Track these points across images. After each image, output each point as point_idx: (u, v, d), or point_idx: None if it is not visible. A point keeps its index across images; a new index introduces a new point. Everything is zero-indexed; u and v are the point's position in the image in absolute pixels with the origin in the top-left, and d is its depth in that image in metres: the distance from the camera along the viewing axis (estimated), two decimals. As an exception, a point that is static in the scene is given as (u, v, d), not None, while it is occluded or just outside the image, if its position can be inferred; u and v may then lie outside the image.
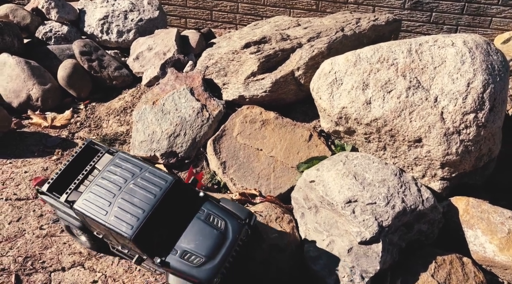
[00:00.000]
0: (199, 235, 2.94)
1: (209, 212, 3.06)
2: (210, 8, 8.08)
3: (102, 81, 5.48)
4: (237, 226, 3.04)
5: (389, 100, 3.68)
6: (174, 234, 2.94)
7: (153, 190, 2.95)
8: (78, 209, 2.97)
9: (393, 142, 3.78)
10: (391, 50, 3.85)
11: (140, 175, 3.02)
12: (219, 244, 2.92)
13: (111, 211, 2.87)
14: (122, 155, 3.16)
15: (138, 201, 2.90)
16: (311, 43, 4.74)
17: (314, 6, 7.61)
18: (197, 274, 2.81)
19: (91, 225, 3.07)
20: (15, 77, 5.21)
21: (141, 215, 2.84)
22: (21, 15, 6.04)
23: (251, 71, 4.64)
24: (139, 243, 2.80)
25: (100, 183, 3.02)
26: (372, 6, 7.40)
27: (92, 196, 2.97)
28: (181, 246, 2.89)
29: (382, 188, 3.42)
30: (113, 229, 2.83)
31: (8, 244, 3.47)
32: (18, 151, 4.53)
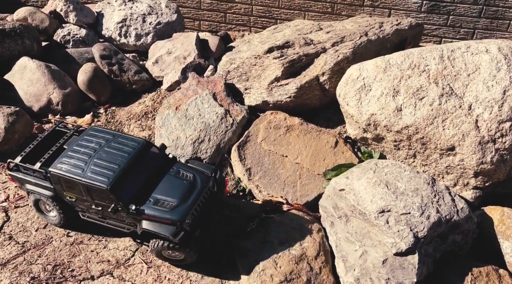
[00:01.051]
0: (170, 186, 3.30)
1: (178, 169, 3.45)
2: (224, 10, 8.03)
3: (122, 85, 5.44)
4: (204, 178, 3.43)
5: (421, 108, 3.61)
6: (148, 188, 3.27)
7: (127, 150, 3.30)
8: (54, 171, 3.19)
9: (424, 150, 3.71)
10: (422, 56, 3.78)
11: (113, 140, 3.37)
12: (188, 191, 3.28)
13: (87, 169, 3.15)
14: (95, 127, 3.50)
15: (113, 158, 3.23)
16: (336, 47, 4.68)
17: (329, 9, 7.54)
18: (170, 215, 3.13)
19: (65, 189, 3.22)
20: (36, 81, 5.19)
21: (116, 169, 3.16)
22: (39, 18, 6.02)
23: (275, 76, 4.58)
24: (115, 192, 3.09)
25: (74, 149, 3.30)
26: (388, 9, 7.32)
27: (67, 160, 3.23)
28: (154, 197, 3.23)
29: (416, 198, 3.36)
30: (90, 183, 3.09)
31: (37, 252, 3.43)
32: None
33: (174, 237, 3.06)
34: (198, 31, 8.11)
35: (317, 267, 3.33)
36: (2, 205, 3.85)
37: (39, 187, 3.38)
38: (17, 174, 3.42)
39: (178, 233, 3.08)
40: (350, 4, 7.39)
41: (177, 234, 3.08)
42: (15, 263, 3.33)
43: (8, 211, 3.78)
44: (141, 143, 3.37)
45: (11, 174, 3.45)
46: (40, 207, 3.54)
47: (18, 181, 3.49)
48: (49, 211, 3.54)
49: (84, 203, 3.28)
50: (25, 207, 3.83)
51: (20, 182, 3.47)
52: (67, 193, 3.26)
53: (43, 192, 3.36)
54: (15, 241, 3.52)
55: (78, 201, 3.30)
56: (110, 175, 3.11)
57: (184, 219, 3.12)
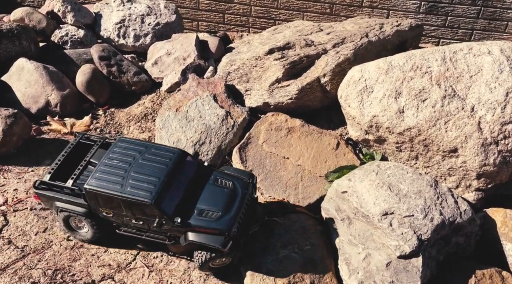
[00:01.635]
0: (212, 195, 3.26)
1: (216, 177, 3.41)
2: (223, 11, 8.00)
3: (121, 86, 5.40)
4: (243, 184, 3.41)
5: (424, 109, 3.60)
6: (189, 199, 3.21)
7: (163, 161, 3.20)
8: (90, 188, 3.06)
9: (426, 151, 3.70)
10: (424, 57, 3.77)
11: (146, 151, 3.26)
12: (231, 200, 3.26)
13: (126, 183, 3.05)
14: (124, 138, 3.38)
15: (151, 171, 3.13)
16: (336, 49, 4.67)
17: (328, 9, 7.53)
18: (217, 225, 3.10)
19: (101, 204, 3.11)
20: (34, 83, 5.14)
21: (157, 182, 3.07)
22: (37, 19, 5.96)
23: (276, 77, 4.56)
24: (159, 206, 3.00)
25: (107, 163, 3.18)
26: (387, 10, 7.32)
27: (103, 175, 3.11)
28: (198, 207, 3.18)
29: (419, 200, 3.35)
30: (132, 198, 2.99)
31: (37, 256, 3.39)
32: (40, 158, 4.46)
33: (224, 247, 3.04)
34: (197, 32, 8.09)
35: (320, 270, 3.31)
36: (1, 209, 3.80)
37: (70, 204, 3.24)
38: (44, 192, 3.27)
39: (227, 243, 3.05)
40: (349, 4, 7.39)
41: (226, 244, 3.05)
42: (14, 268, 3.29)
43: (7, 215, 3.74)
44: (176, 153, 3.29)
45: (38, 193, 3.30)
46: (70, 224, 3.39)
47: (46, 200, 3.34)
48: (80, 228, 3.41)
49: (122, 218, 3.18)
50: (24, 210, 3.79)
51: (48, 200, 3.32)
52: (104, 209, 3.15)
53: (76, 209, 3.22)
54: (14, 246, 3.47)
55: (115, 216, 3.19)
56: (152, 189, 3.02)
57: (231, 228, 3.10)
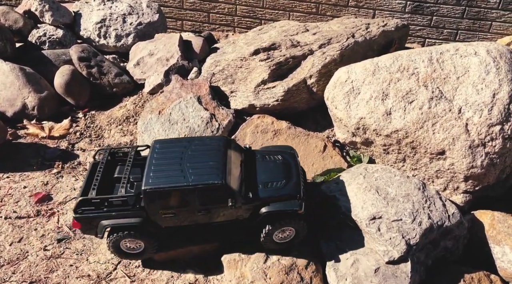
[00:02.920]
0: (268, 169, 3.33)
1: (262, 154, 3.49)
2: (208, 10, 7.88)
3: (102, 88, 5.24)
4: (289, 154, 3.52)
5: (411, 111, 3.55)
6: (249, 178, 3.24)
7: (214, 147, 3.21)
8: (151, 187, 2.90)
9: (414, 154, 3.65)
10: (411, 58, 3.72)
11: (191, 144, 3.24)
12: (287, 169, 3.35)
13: (187, 174, 2.98)
14: (160, 140, 3.32)
15: (207, 159, 3.11)
16: (323, 49, 4.60)
17: (314, 9, 7.48)
18: (287, 191, 3.18)
19: (163, 204, 2.94)
20: (9, 85, 4.94)
21: (218, 165, 3.06)
22: (13, 18, 5.75)
23: (262, 79, 4.46)
24: (229, 185, 2.99)
25: (156, 163, 3.07)
26: (373, 10, 7.29)
27: (158, 174, 3.00)
28: (262, 182, 3.23)
29: (407, 204, 3.29)
30: (201, 184, 2.93)
31: (11, 268, 3.23)
32: (16, 164, 4.28)
33: (300, 208, 3.09)
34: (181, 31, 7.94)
35: (307, 277, 3.23)
36: (-26, 218, 3.62)
37: (123, 218, 3.00)
38: (87, 214, 2.97)
39: (302, 204, 3.12)
40: (335, 4, 7.34)
41: (301, 205, 3.11)
42: (-13, 281, 3.13)
43: (-20, 224, 3.56)
44: (222, 139, 3.31)
45: (78, 219, 2.97)
46: (122, 247, 3.14)
47: (89, 223, 3.01)
48: (133, 248, 3.16)
49: (186, 215, 3.04)
50: (-2, 219, 3.62)
51: (93, 222, 3.01)
52: (164, 211, 2.99)
53: (131, 221, 3.00)
54: (-13, 257, 3.31)
55: (177, 217, 3.04)
56: (217, 171, 3.00)
57: (300, 190, 3.18)
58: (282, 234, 3.24)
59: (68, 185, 4.05)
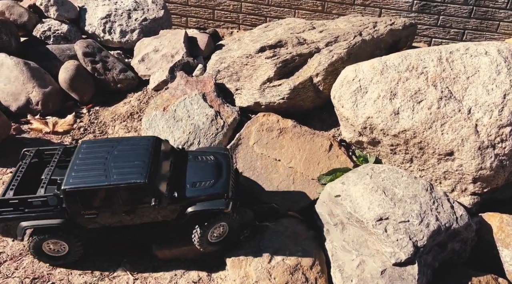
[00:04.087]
0: (198, 170, 3.31)
1: (194, 155, 3.47)
2: (213, 7, 7.84)
3: (106, 84, 5.20)
4: (222, 155, 3.53)
5: (419, 111, 3.50)
6: (177, 177, 3.20)
7: (142, 147, 3.14)
8: (71, 187, 2.83)
9: (421, 154, 3.60)
10: (420, 58, 3.67)
11: (119, 144, 3.17)
12: (218, 169, 3.33)
13: (110, 173, 2.91)
14: (88, 140, 3.25)
15: (133, 157, 3.05)
16: (330, 47, 4.54)
17: (320, 7, 7.42)
18: (214, 190, 3.16)
19: (85, 205, 2.89)
20: (14, 79, 4.91)
21: (143, 164, 3.00)
22: (18, 13, 5.72)
23: (267, 76, 4.42)
24: (153, 184, 2.94)
25: (79, 163, 3.00)
26: (379, 8, 7.23)
27: (79, 173, 2.92)
28: (190, 181, 3.20)
29: (414, 205, 3.25)
30: (123, 184, 2.87)
31: (14, 264, 3.20)
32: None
33: (227, 207, 3.07)
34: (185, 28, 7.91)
35: (312, 277, 3.19)
36: (-23, 212, 3.59)
37: (42, 219, 2.95)
38: (5, 216, 2.93)
39: (229, 203, 3.10)
40: (341, 2, 7.28)
41: (228, 204, 3.09)
42: (-11, 277, 3.11)
43: (-17, 219, 3.53)
44: (152, 139, 3.24)
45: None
46: (44, 249, 3.08)
47: (7, 225, 2.97)
48: (57, 251, 3.12)
49: (110, 215, 2.99)
50: (1, 214, 3.59)
51: (12, 224, 2.96)
52: (86, 211, 2.93)
53: (51, 222, 2.95)
54: (-10, 253, 3.28)
55: (101, 217, 2.99)
56: (142, 170, 2.95)
57: (228, 189, 3.16)
58: (217, 232, 3.22)
59: (72, 181, 4.01)
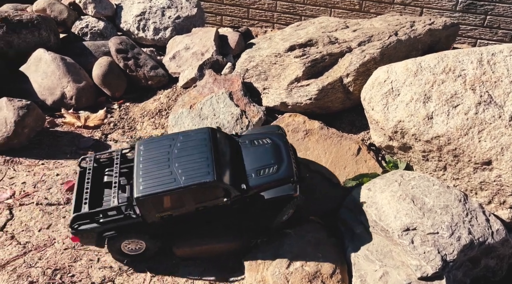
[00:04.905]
0: (257, 155, 3.24)
1: (249, 139, 3.39)
2: (247, 5, 7.79)
3: (137, 80, 5.27)
4: (277, 135, 3.45)
5: (455, 116, 3.28)
6: (239, 167, 3.17)
7: (200, 141, 3.11)
8: (143, 194, 2.83)
9: (456, 162, 3.38)
10: (458, 59, 3.44)
11: (176, 141, 3.14)
12: (277, 151, 3.26)
13: (177, 176, 2.91)
14: (145, 140, 3.22)
15: (195, 155, 3.02)
16: (362, 47, 4.37)
17: (357, 6, 7.20)
18: (280, 176, 3.11)
19: (159, 208, 2.90)
20: (50, 74, 5.07)
21: (208, 161, 2.97)
22: (58, 10, 5.91)
23: (295, 76, 4.31)
24: (222, 181, 2.93)
25: (144, 167, 3.00)
26: (420, 8, 6.92)
27: (148, 179, 2.92)
28: (252, 169, 3.16)
29: (445, 216, 3.04)
30: (193, 185, 2.86)
31: (38, 254, 3.29)
32: (51, 151, 4.38)
33: (295, 191, 3.07)
34: (220, 27, 7.91)
35: (332, 286, 3.07)
36: (7, 202, 3.73)
37: (117, 224, 3.01)
38: (85, 227, 2.99)
39: (296, 187, 3.09)
40: (379, 1, 7.02)
41: (296, 188, 3.09)
42: (14, 265, 3.19)
43: (13, 208, 3.66)
44: (207, 130, 3.21)
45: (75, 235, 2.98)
46: (124, 250, 3.16)
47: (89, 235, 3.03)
48: (135, 250, 3.18)
49: (181, 213, 3.02)
50: (30, 205, 3.71)
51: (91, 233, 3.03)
52: (159, 215, 2.97)
53: (126, 225, 3.01)
54: (16, 241, 3.38)
55: (173, 217, 3.02)
56: (207, 169, 2.94)
57: (293, 173, 3.12)
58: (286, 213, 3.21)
59: (98, 175, 4.08)
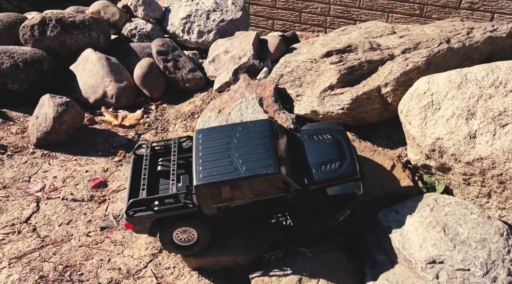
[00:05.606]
0: (318, 150, 3.14)
1: (309, 134, 3.29)
2: (300, 9, 7.60)
3: (176, 82, 5.30)
4: (337, 131, 3.32)
5: (502, 137, 2.85)
6: (299, 160, 3.09)
7: (260, 133, 3.05)
8: (203, 183, 2.80)
9: (502, 190, 2.93)
10: (511, 72, 2.99)
11: (235, 131, 3.09)
12: (339, 147, 3.15)
13: (238, 165, 2.86)
14: (201, 129, 3.18)
15: (256, 146, 2.97)
16: (406, 55, 4.00)
17: (417, 10, 6.72)
18: (343, 173, 2.99)
19: (216, 198, 2.86)
20: (95, 73, 5.26)
21: (269, 153, 2.91)
22: (111, 12, 6.15)
23: (329, 83, 4.05)
24: (283, 174, 2.85)
25: (203, 156, 2.96)
26: (491, 13, 6.28)
27: (207, 168, 2.89)
28: (313, 164, 3.06)
29: (480, 251, 2.64)
30: (254, 175, 2.81)
31: (53, 249, 3.37)
32: (86, 148, 4.52)
33: (359, 190, 2.97)
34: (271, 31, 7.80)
35: (343, 316, 2.79)
36: (37, 194, 3.88)
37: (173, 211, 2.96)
38: (141, 213, 2.94)
39: (360, 185, 3.00)
40: (443, 6, 6.49)
41: (360, 186, 2.99)
42: (30, 258, 3.29)
43: (40, 201, 3.80)
44: (266, 121, 3.17)
45: (133, 219, 2.92)
46: (175, 240, 3.09)
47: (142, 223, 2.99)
48: (187, 240, 3.10)
49: (238, 207, 2.96)
50: (56, 199, 3.83)
51: (146, 222, 2.98)
52: (217, 204, 2.92)
53: (181, 212, 2.95)
54: (37, 234, 3.49)
55: (229, 209, 2.96)
56: (269, 160, 2.88)
57: (356, 171, 3.03)
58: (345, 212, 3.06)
59: (125, 174, 4.13)
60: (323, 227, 3.13)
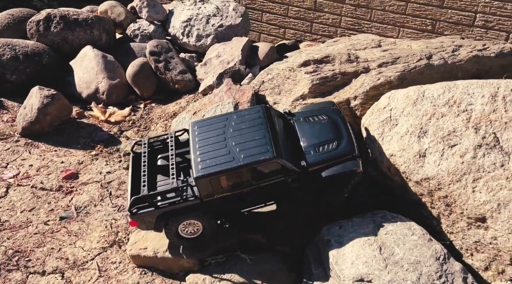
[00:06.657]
0: (314, 131, 3.13)
1: (304, 116, 3.28)
2: (311, 19, 7.58)
3: (166, 83, 5.41)
4: (333, 110, 3.31)
5: (449, 157, 2.73)
6: (297, 143, 3.10)
7: (255, 120, 3.06)
8: (203, 173, 2.83)
9: (449, 213, 2.81)
10: (467, 91, 2.87)
11: (230, 120, 3.11)
12: (335, 127, 3.13)
13: (236, 154, 2.89)
14: (197, 121, 3.20)
15: (252, 133, 2.99)
16: (381, 69, 3.91)
17: (429, 26, 6.55)
18: (341, 152, 2.99)
19: (217, 188, 2.90)
20: (90, 69, 5.45)
21: (265, 139, 2.93)
22: (117, 12, 6.36)
23: (302, 93, 4.02)
24: (282, 158, 2.87)
25: (200, 147, 3.00)
26: (506, 33, 6.05)
27: (206, 159, 2.92)
28: (310, 146, 3.07)
29: (411, 273, 2.53)
30: (252, 163, 2.84)
31: (9, 233, 3.51)
32: (68, 140, 4.68)
33: (359, 167, 2.97)
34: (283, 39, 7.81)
35: (269, 327, 2.74)
36: (9, 180, 4.05)
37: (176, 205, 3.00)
38: (144, 210, 2.98)
39: (359, 163, 3.00)
40: (456, 23, 6.28)
41: (359, 163, 2.99)
42: (-16, 240, 3.44)
43: (10, 187, 3.97)
44: (261, 108, 3.19)
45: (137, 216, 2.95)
46: (180, 233, 3.12)
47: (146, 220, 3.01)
48: (192, 233, 3.13)
49: (239, 194, 3.02)
50: (26, 187, 3.98)
51: (149, 218, 3.00)
52: (218, 195, 2.97)
53: (185, 205, 2.98)
54: (-2, 218, 3.65)
55: (231, 197, 3.01)
56: (266, 146, 2.92)
57: (355, 149, 3.04)
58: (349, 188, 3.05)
59: (98, 168, 4.25)
60: (331, 203, 3.13)
